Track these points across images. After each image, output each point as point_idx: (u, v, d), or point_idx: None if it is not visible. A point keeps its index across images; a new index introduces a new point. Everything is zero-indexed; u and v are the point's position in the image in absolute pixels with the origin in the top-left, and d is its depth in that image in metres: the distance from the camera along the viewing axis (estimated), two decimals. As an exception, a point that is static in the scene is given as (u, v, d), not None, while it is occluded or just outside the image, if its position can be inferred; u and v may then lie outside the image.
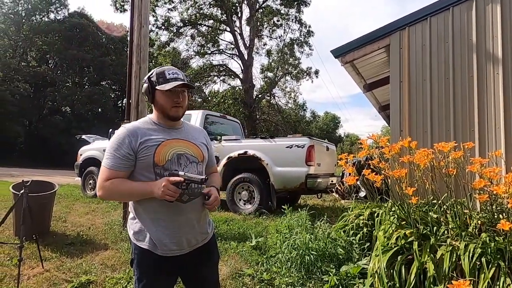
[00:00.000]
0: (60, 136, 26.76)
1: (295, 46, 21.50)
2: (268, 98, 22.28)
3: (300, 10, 20.69)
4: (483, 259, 2.10)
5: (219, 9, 19.92)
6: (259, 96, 21.49)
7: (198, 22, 19.94)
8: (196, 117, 6.32)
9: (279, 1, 20.49)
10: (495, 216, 2.47)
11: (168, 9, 19.41)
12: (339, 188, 6.41)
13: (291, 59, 22.09)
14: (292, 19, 20.94)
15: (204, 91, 22.97)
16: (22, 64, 29.98)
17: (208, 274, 1.59)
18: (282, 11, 20.78)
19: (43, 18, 31.44)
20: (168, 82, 1.46)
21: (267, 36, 21.98)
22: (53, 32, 30.22)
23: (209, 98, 22.31)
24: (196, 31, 20.32)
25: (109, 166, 1.41)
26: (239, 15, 20.46)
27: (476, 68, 3.68)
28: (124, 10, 18.75)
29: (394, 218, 2.77)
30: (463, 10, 3.78)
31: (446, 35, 3.85)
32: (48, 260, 3.29)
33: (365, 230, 3.21)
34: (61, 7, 32.28)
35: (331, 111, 68.78)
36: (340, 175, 7.84)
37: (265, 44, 22.29)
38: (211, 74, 21.17)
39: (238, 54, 20.49)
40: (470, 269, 2.08)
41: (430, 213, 2.73)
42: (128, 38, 4.63)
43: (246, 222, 4.86)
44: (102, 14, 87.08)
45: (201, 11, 19.73)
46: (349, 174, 3.56)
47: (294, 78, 22.39)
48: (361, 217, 3.33)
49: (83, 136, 8.26)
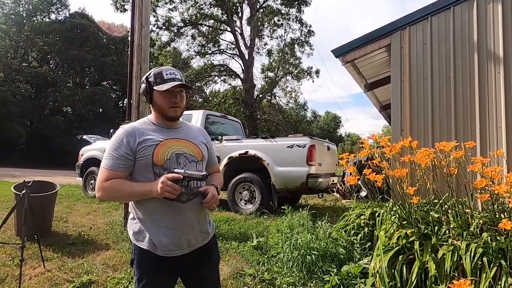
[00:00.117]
0: (61, 137, 26.80)
1: (295, 45, 21.54)
2: (269, 98, 22.30)
3: (301, 10, 20.73)
4: (484, 259, 2.09)
5: (219, 9, 19.94)
6: (260, 96, 21.51)
7: (199, 22, 19.95)
8: (197, 117, 6.33)
9: (279, 0, 20.52)
10: (497, 216, 2.46)
11: (169, 9, 19.46)
12: (340, 187, 6.40)
13: (291, 59, 22.10)
14: (292, 19, 20.98)
15: (205, 91, 23.04)
16: (23, 64, 30.04)
17: (208, 274, 1.59)
18: (282, 11, 20.81)
19: (44, 19, 31.50)
20: (166, 82, 1.46)
21: (267, 36, 22.02)
22: (54, 33, 30.27)
23: (210, 98, 22.35)
24: (196, 31, 20.35)
25: (108, 167, 1.41)
26: (240, 15, 20.47)
27: (477, 68, 3.67)
28: (124, 10, 18.79)
29: (395, 218, 2.77)
30: (464, 9, 3.78)
31: (447, 34, 3.84)
32: (49, 260, 3.30)
33: (366, 229, 3.20)
34: (62, 8, 32.36)
35: (332, 110, 68.96)
36: (341, 174, 7.84)
37: (265, 44, 22.34)
38: (212, 74, 21.19)
39: (238, 54, 20.51)
40: (472, 268, 2.07)
41: (432, 212, 2.73)
42: (129, 39, 4.64)
43: (247, 222, 4.86)
44: (103, 14, 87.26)
45: (201, 11, 19.75)
46: (350, 174, 3.56)
47: (295, 78, 22.42)
48: (362, 216, 3.32)
49: (84, 137, 8.27)
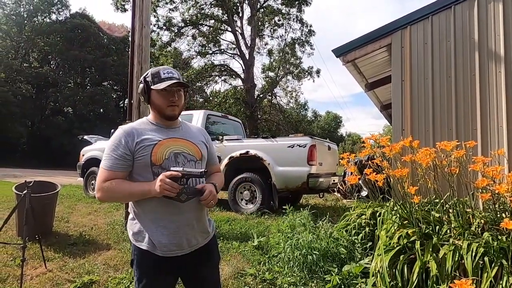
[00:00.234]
0: (62, 137, 26.83)
1: (296, 45, 21.55)
2: (270, 97, 22.31)
3: (301, 10, 20.74)
4: (486, 258, 2.09)
5: (220, 9, 19.95)
6: (261, 95, 21.51)
7: (199, 22, 19.97)
8: (197, 117, 6.33)
9: (280, 0, 20.52)
10: (498, 215, 2.45)
11: (169, 9, 19.49)
12: (341, 187, 6.40)
13: (292, 59, 22.11)
14: (293, 19, 21.00)
15: (205, 91, 23.05)
16: (24, 65, 30.08)
17: (208, 275, 1.58)
18: (283, 11, 20.83)
19: (45, 19, 31.52)
20: (163, 81, 1.46)
21: (268, 35, 22.04)
22: (55, 33, 30.31)
23: (210, 98, 22.37)
24: (197, 31, 20.37)
25: (107, 167, 1.40)
26: (240, 15, 20.48)
27: (478, 67, 3.66)
28: (124, 10, 18.81)
29: (396, 218, 2.77)
30: (465, 8, 3.77)
31: (448, 33, 3.84)
32: (51, 260, 3.30)
33: (367, 229, 3.20)
34: (62, 8, 32.39)
35: (332, 110, 68.88)
36: (342, 174, 7.83)
37: (266, 43, 22.36)
38: (213, 74, 21.21)
39: (239, 54, 20.51)
40: (473, 268, 2.07)
41: (433, 212, 2.73)
42: (130, 39, 4.64)
43: (248, 221, 4.86)
44: (103, 15, 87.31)
45: (202, 11, 19.77)
46: (351, 173, 3.56)
47: (295, 78, 22.43)
48: (363, 216, 3.32)
49: (85, 137, 8.28)
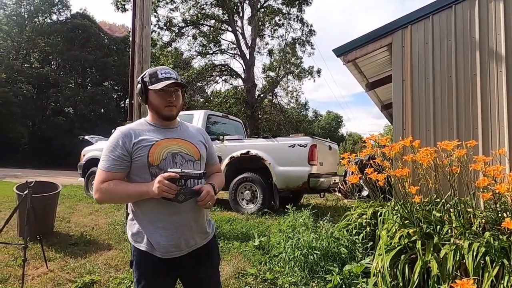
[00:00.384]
0: (63, 137, 26.85)
1: (297, 45, 21.55)
2: (270, 97, 22.31)
3: (302, 9, 20.72)
4: (487, 258, 2.08)
5: (220, 9, 19.95)
6: (261, 95, 21.51)
7: (200, 22, 19.98)
8: (198, 117, 6.34)
9: (280, 0, 20.50)
10: (499, 215, 2.45)
11: (170, 9, 19.50)
12: (342, 187, 6.39)
13: (293, 59, 22.12)
14: (293, 18, 21.00)
15: (206, 91, 23.04)
16: (25, 65, 30.12)
17: (207, 275, 1.57)
18: (283, 11, 20.82)
19: (45, 20, 31.55)
20: (161, 81, 1.45)
21: (268, 35, 22.05)
22: (55, 34, 30.33)
23: (211, 98, 22.36)
24: (197, 31, 20.38)
25: (104, 168, 1.40)
26: (241, 14, 20.48)
27: (479, 66, 3.65)
28: (125, 10, 18.81)
29: (397, 217, 2.76)
30: (466, 7, 3.76)
31: (449, 33, 3.83)
32: (52, 260, 3.31)
33: (368, 229, 3.20)
34: (63, 9, 32.41)
35: (333, 110, 68.97)
36: (343, 174, 7.83)
37: (267, 43, 22.38)
38: (213, 74, 21.22)
39: (240, 53, 20.52)
40: (474, 268, 2.07)
41: (434, 212, 2.73)
42: (130, 39, 4.64)
43: (248, 221, 4.87)
44: (104, 15, 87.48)
45: (202, 11, 19.78)
46: (351, 173, 3.55)
47: (296, 78, 22.42)
48: (364, 216, 3.32)
49: (86, 137, 8.28)
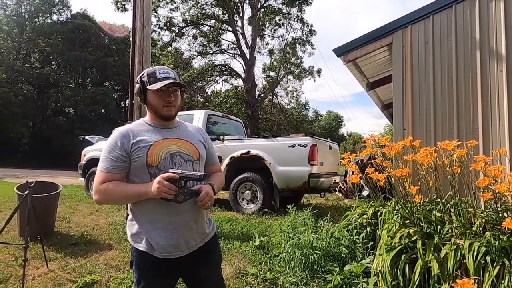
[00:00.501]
0: (63, 137, 26.87)
1: (297, 45, 21.55)
2: (271, 97, 22.31)
3: (302, 9, 20.72)
4: (487, 258, 2.08)
5: (220, 9, 19.96)
6: (262, 95, 21.51)
7: (200, 22, 19.98)
8: (198, 117, 6.34)
9: (280, 0, 20.50)
10: (500, 215, 2.45)
11: (170, 9, 19.51)
12: (342, 187, 6.39)
13: (293, 58, 22.12)
14: (294, 18, 21.00)
15: (206, 91, 23.05)
16: (26, 65, 30.14)
17: (208, 275, 1.56)
18: (284, 10, 20.82)
19: (46, 20, 31.56)
20: (159, 81, 1.44)
21: (269, 35, 22.05)
22: (56, 34, 30.35)
23: (211, 98, 22.37)
24: (198, 31, 20.39)
25: (103, 169, 1.40)
26: (241, 14, 20.48)
27: (480, 66, 3.65)
28: (125, 10, 18.81)
29: (398, 217, 2.76)
30: (466, 7, 3.76)
31: (449, 32, 3.83)
32: (52, 261, 3.31)
33: (368, 229, 3.19)
34: (63, 9, 32.43)
35: (333, 110, 69.02)
36: (343, 174, 7.82)
37: (267, 43, 22.38)
38: (213, 74, 21.22)
39: (240, 53, 20.52)
40: (475, 267, 2.07)
41: (434, 211, 2.72)
42: (130, 39, 4.64)
43: (249, 221, 4.86)
44: (104, 15, 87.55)
45: (203, 11, 19.78)
46: (352, 173, 3.55)
47: (296, 77, 22.42)
48: (364, 216, 3.31)
49: (86, 137, 8.28)
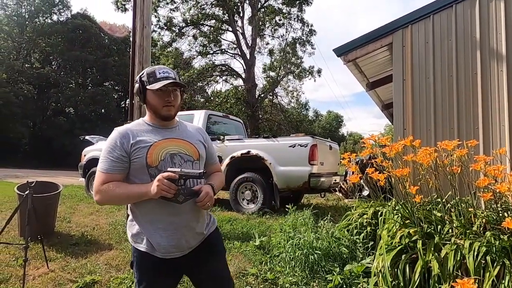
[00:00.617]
0: (63, 137, 26.87)
1: (297, 45, 21.56)
2: (271, 97, 22.32)
3: (302, 9, 20.72)
4: (488, 258, 2.08)
5: (221, 9, 19.97)
6: (262, 95, 21.52)
7: (200, 22, 19.99)
8: (198, 117, 6.34)
9: (280, 0, 20.50)
10: (500, 215, 2.45)
11: (170, 9, 19.53)
12: (343, 187, 6.39)
13: (293, 58, 22.13)
14: (294, 18, 21.01)
15: (206, 91, 23.07)
16: (26, 65, 30.15)
17: (211, 272, 1.54)
18: (284, 10, 20.82)
19: (46, 20, 31.56)
20: (159, 81, 1.43)
21: (269, 35, 22.06)
22: (56, 34, 30.35)
23: (211, 98, 22.38)
24: (198, 31, 20.41)
25: (103, 170, 1.39)
26: (241, 14, 20.49)
27: (480, 66, 3.65)
28: (125, 10, 18.82)
29: (398, 217, 2.76)
30: (466, 7, 3.76)
31: (449, 32, 3.83)
32: (53, 261, 3.31)
33: (368, 229, 3.19)
34: (63, 9, 32.42)
35: (334, 110, 69.01)
36: (343, 174, 7.82)
37: (267, 43, 22.39)
38: (214, 74, 21.24)
39: (240, 53, 20.54)
40: (475, 267, 2.06)
41: (434, 211, 2.72)
42: (131, 39, 4.64)
43: (249, 221, 4.86)
44: (104, 15, 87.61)
45: (203, 11, 19.79)
46: (352, 173, 3.55)
47: (296, 77, 22.44)
48: (364, 216, 3.31)
49: (87, 137, 8.28)
